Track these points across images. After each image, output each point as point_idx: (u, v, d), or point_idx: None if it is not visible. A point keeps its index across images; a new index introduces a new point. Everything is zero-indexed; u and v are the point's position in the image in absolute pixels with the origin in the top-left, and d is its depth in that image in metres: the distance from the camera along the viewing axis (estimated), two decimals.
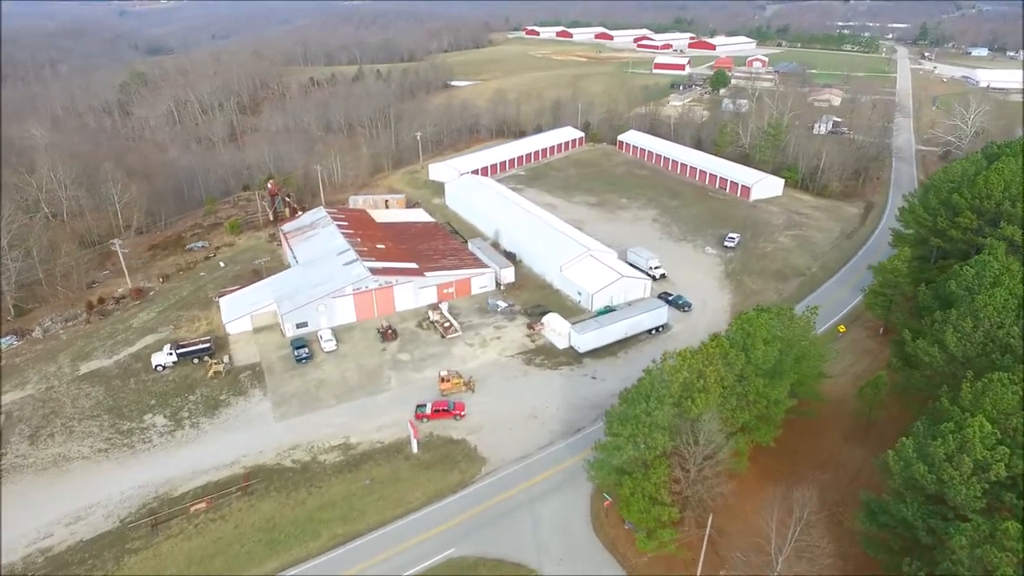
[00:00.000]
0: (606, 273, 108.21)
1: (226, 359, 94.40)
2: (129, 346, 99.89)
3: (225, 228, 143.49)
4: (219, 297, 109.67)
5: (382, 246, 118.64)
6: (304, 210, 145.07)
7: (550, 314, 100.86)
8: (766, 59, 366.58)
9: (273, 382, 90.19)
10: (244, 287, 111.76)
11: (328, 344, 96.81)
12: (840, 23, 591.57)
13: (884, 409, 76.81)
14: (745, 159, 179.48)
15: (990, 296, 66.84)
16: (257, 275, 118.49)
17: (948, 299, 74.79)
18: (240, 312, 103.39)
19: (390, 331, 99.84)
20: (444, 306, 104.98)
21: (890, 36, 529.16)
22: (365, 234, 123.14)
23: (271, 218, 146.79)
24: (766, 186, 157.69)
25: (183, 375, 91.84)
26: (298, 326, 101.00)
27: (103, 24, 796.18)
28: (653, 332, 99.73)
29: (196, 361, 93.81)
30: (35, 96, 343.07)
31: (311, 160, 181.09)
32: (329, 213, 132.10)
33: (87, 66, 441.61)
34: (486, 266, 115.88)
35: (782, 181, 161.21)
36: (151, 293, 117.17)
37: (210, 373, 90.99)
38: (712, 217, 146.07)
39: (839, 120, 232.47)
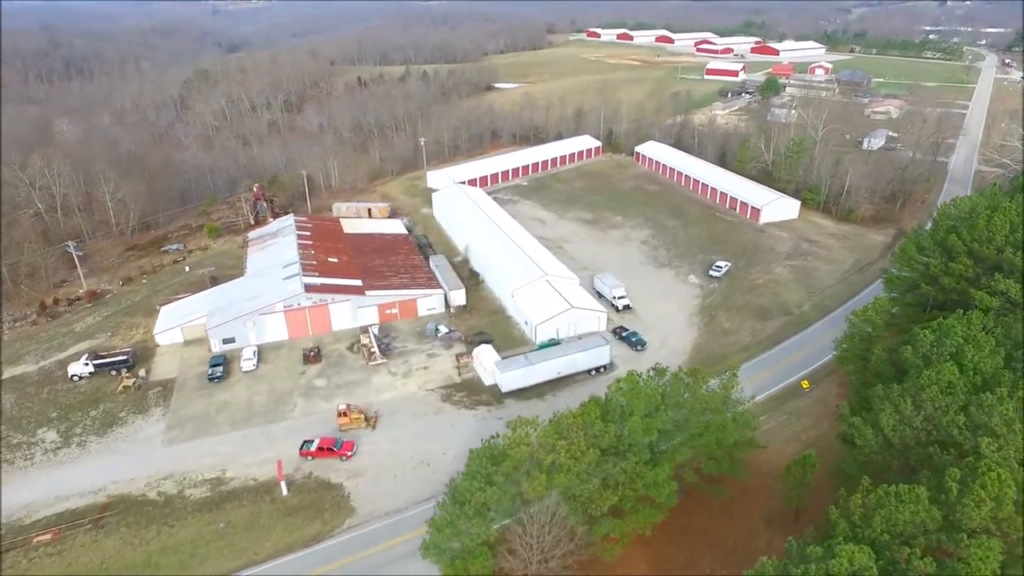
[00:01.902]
0: (555, 303, 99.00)
1: (142, 373, 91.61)
2: (61, 352, 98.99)
3: (204, 231, 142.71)
4: (163, 305, 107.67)
5: (334, 260, 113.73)
6: (291, 215, 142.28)
7: (482, 346, 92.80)
8: (830, 66, 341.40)
9: (178, 401, 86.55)
10: (189, 296, 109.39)
11: (247, 363, 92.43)
12: (928, 27, 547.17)
13: (821, 492, 64.80)
14: (767, 177, 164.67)
15: (937, 373, 54.26)
16: (215, 282, 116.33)
17: (903, 368, 62.18)
18: (173, 323, 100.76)
19: (313, 354, 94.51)
20: (374, 329, 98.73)
21: (983, 41, 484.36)
22: (323, 246, 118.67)
23: (252, 222, 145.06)
24: (778, 208, 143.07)
25: (96, 387, 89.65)
26: (225, 342, 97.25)
27: (193, 23, 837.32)
28: (593, 373, 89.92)
29: (114, 373, 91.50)
30: (113, 91, 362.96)
31: (321, 162, 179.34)
32: (296, 222, 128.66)
33: (168, 62, 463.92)
34: (436, 286, 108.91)
35: (798, 203, 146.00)
36: (107, 296, 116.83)
37: (119, 387, 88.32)
38: (709, 241, 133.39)
39: (894, 135, 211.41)
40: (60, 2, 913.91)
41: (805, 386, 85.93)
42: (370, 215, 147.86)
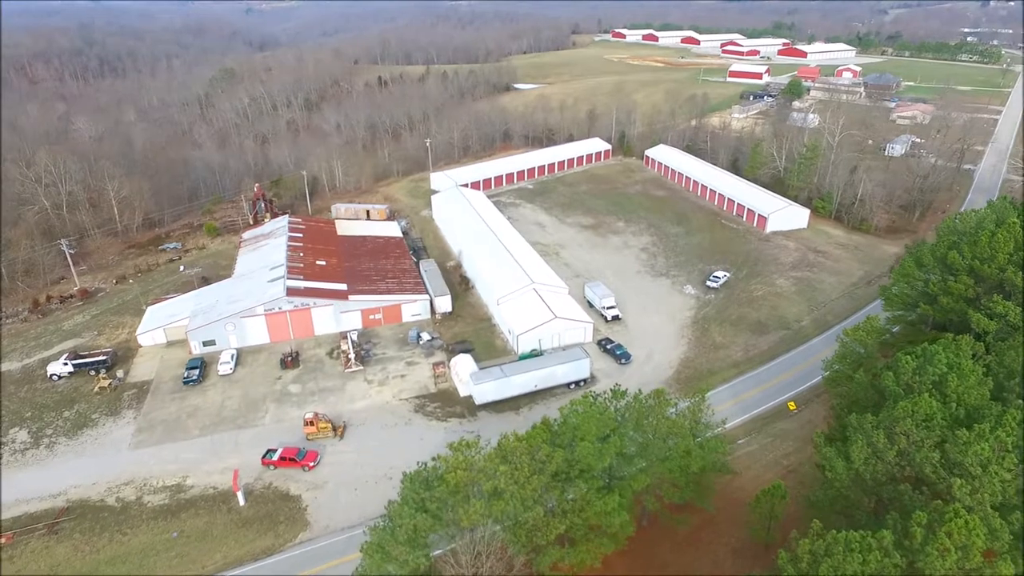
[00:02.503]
0: (539, 312, 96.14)
1: (119, 374, 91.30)
2: (46, 350, 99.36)
3: (203, 230, 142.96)
4: (151, 305, 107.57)
5: (323, 262, 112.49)
6: (285, 216, 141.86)
7: (459, 356, 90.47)
8: (858, 69, 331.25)
9: (151, 404, 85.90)
10: (177, 296, 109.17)
11: (224, 367, 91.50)
12: (967, 29, 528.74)
13: (797, 523, 60.97)
14: (779, 184, 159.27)
15: (913, 404, 50.28)
16: (205, 283, 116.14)
17: (884, 395, 58.12)
18: (156, 324, 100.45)
19: (290, 359, 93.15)
20: (353, 335, 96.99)
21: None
22: (313, 248, 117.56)
23: (251, 222, 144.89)
24: (786, 217, 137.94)
25: (73, 387, 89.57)
26: (205, 344, 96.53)
27: (225, 21, 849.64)
28: (572, 386, 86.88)
29: (93, 373, 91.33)
30: (141, 88, 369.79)
31: (326, 162, 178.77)
32: (290, 223, 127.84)
33: (197, 60, 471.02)
34: (423, 292, 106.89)
35: (807, 212, 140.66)
36: (100, 295, 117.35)
37: (96, 388, 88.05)
38: (711, 250, 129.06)
39: (919, 141, 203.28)
40: (104, 2, 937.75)
41: (792, 408, 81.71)
42: (368, 217, 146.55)
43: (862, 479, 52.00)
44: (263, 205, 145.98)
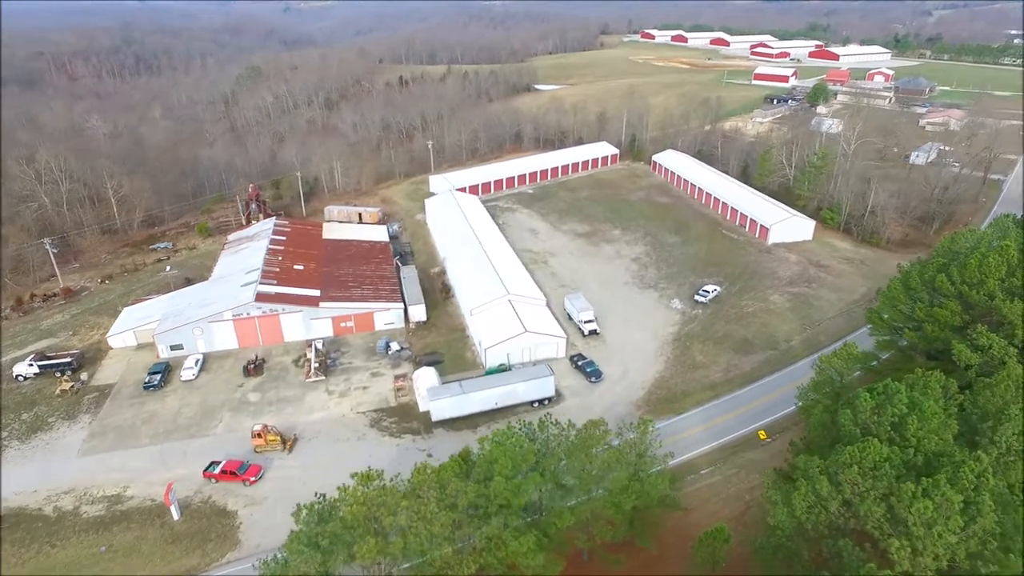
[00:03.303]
0: (510, 325, 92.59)
1: (83, 377, 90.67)
2: (18, 349, 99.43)
3: (195, 230, 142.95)
4: (128, 306, 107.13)
5: (300, 267, 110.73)
6: (272, 218, 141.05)
7: (422, 369, 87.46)
8: (891, 72, 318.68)
9: (109, 409, 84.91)
10: (155, 297, 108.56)
11: (187, 373, 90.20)
12: (1014, 31, 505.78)
13: (740, 565, 56.55)
14: (787, 193, 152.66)
15: (860, 450, 45.48)
16: (188, 284, 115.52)
17: (839, 435, 53.21)
18: (128, 326, 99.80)
19: (253, 366, 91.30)
20: (318, 343, 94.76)
21: None
22: (294, 252, 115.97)
23: (244, 223, 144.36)
24: (790, 228, 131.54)
25: (36, 389, 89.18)
26: (172, 348, 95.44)
27: (260, 20, 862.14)
28: (536, 404, 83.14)
29: (59, 375, 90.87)
30: (174, 86, 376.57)
31: (328, 163, 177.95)
32: (276, 225, 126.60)
33: (231, 59, 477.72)
34: (398, 299, 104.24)
35: (813, 223, 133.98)
36: (84, 294, 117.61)
37: (57, 391, 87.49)
38: (707, 262, 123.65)
39: (947, 149, 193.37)
40: (148, 1, 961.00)
41: (762, 437, 76.57)
42: (360, 219, 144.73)
43: (804, 528, 47.34)
44: (256, 206, 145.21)
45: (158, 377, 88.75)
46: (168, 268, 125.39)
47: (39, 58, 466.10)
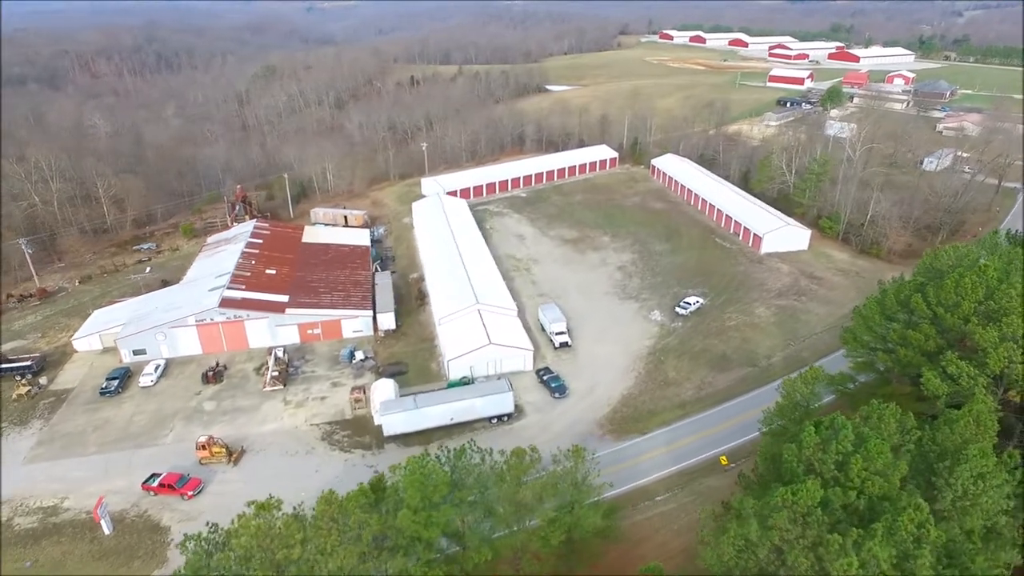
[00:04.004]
0: (475, 336, 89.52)
1: (43, 381, 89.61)
2: None
3: (180, 231, 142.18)
4: (99, 308, 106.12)
5: (272, 271, 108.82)
6: (253, 220, 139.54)
7: (381, 380, 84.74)
8: (911, 75, 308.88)
9: (63, 415, 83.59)
10: (125, 300, 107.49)
11: (145, 379, 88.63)
12: None
13: None
14: (787, 200, 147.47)
15: (792, 493, 41.59)
16: (165, 286, 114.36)
17: (782, 473, 49.25)
18: (94, 329, 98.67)
19: (212, 373, 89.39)
20: (279, 351, 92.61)
21: None
22: (269, 256, 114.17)
23: (229, 224, 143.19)
24: (784, 237, 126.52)
25: None
26: (135, 353, 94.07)
27: (284, 19, 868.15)
28: (494, 421, 79.95)
29: (18, 378, 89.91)
30: (191, 84, 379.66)
31: (322, 163, 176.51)
32: (255, 228, 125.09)
33: (250, 58, 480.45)
34: (368, 307, 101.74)
35: (808, 232, 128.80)
36: (60, 294, 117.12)
37: (14, 395, 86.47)
38: (694, 271, 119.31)
39: (963, 155, 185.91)
40: (175, 1, 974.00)
41: (724, 463, 72.47)
42: (346, 222, 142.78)
43: (732, 574, 43.58)
44: (242, 207, 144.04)
45: (115, 383, 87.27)
46: (148, 270, 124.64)
47: (64, 56, 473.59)
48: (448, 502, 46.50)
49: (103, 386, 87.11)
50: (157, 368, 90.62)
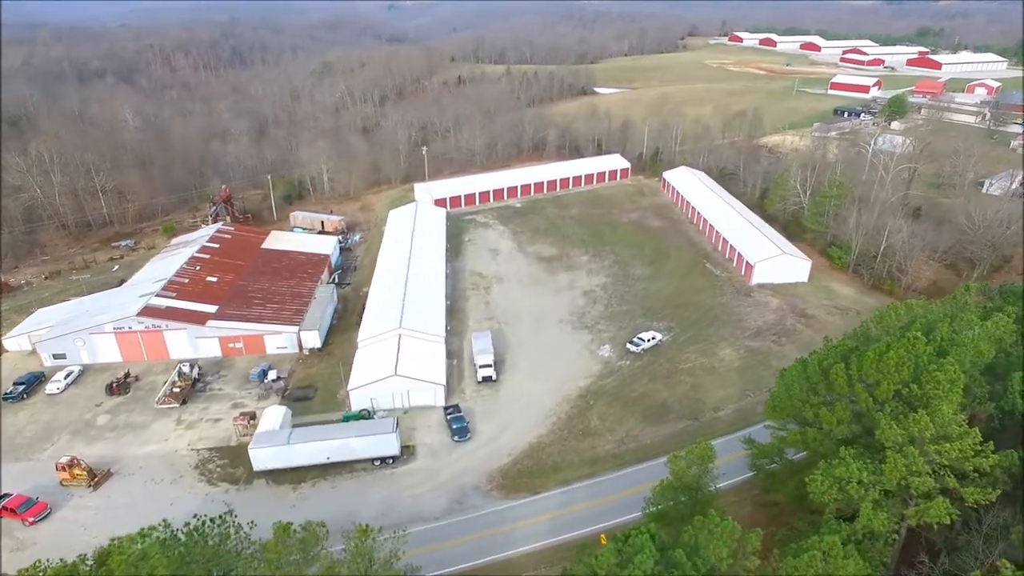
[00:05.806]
0: (381, 365, 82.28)
1: None
2: None
3: (160, 230, 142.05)
4: (42, 308, 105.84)
5: (214, 279, 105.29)
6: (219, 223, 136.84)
7: (271, 407, 78.96)
8: (996, 85, 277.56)
9: None
10: (71, 300, 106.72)
11: (53, 386, 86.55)
12: None
13: None
14: (798, 224, 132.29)
15: None
16: (121, 285, 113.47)
17: None
18: (25, 329, 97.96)
19: (117, 384, 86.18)
20: (183, 366, 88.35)
21: None
22: (219, 262, 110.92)
23: (207, 223, 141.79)
24: (779, 267, 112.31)
25: None
26: (56, 357, 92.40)
27: (359, 16, 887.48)
28: (377, 463, 72.44)
29: None
30: (255, 79, 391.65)
31: (320, 165, 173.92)
32: (217, 232, 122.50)
33: (318, 53, 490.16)
34: (296, 323, 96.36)
35: (808, 263, 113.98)
36: (24, 289, 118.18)
37: None
38: (668, 301, 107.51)
39: None
40: (259, 2, 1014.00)
41: (603, 541, 61.89)
42: (323, 227, 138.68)
43: None
44: (224, 208, 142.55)
45: (21, 388, 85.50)
46: (115, 268, 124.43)
47: (148, 51, 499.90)
48: None
49: (8, 391, 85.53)
50: (69, 375, 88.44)
